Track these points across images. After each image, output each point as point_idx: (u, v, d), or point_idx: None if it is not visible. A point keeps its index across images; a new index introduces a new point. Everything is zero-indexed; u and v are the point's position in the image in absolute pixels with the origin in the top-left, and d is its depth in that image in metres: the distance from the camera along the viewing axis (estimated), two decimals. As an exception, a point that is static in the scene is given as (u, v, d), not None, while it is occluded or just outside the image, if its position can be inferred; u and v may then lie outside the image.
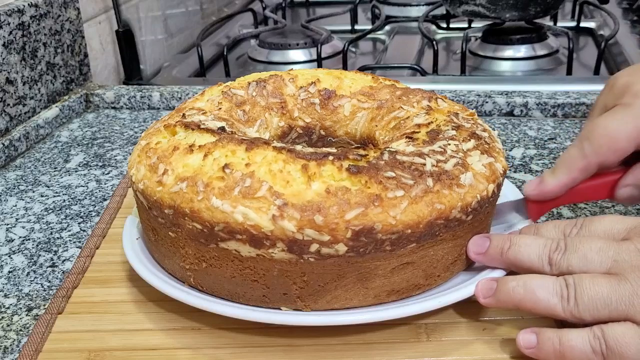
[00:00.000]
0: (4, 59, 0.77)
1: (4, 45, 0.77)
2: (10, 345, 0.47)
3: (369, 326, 0.46)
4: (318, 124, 0.56)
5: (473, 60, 1.06)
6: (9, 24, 0.78)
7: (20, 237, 0.61)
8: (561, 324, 0.45)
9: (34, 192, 0.69)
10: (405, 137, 0.48)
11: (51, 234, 0.61)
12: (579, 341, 0.40)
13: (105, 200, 0.67)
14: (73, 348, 0.46)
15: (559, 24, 1.18)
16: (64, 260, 0.57)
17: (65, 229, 0.62)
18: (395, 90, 0.56)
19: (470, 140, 0.47)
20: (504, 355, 0.44)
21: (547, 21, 1.16)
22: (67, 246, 0.59)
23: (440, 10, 1.23)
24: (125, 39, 1.01)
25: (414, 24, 1.19)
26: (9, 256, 0.58)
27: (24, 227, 0.63)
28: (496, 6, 1.02)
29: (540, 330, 0.42)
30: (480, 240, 0.47)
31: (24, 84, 0.81)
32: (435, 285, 0.47)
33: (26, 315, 0.50)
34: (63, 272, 0.55)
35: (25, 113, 0.81)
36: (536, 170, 0.69)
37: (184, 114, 0.52)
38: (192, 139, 0.47)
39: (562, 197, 0.49)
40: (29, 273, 0.55)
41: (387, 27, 1.25)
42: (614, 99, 0.48)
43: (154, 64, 1.10)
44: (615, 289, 0.40)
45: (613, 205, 0.61)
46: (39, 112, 0.84)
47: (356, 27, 1.26)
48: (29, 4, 0.81)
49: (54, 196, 0.68)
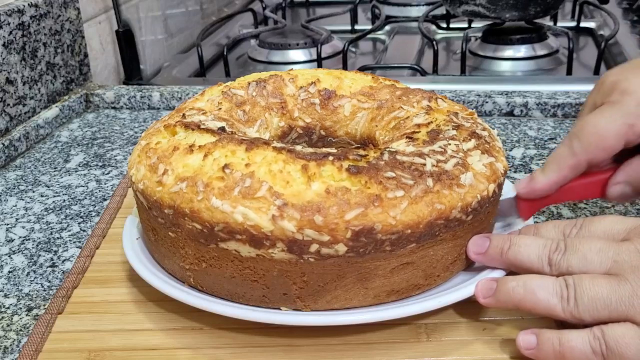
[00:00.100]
0: (4, 59, 0.77)
1: (4, 45, 0.77)
2: (10, 345, 0.47)
3: (369, 326, 0.46)
4: (318, 124, 0.56)
5: (473, 60, 1.06)
6: (9, 24, 0.78)
7: (20, 237, 0.61)
8: (561, 324, 0.45)
9: (34, 192, 0.69)
10: (406, 137, 0.48)
11: (51, 234, 0.61)
12: (579, 342, 0.40)
13: (105, 200, 0.67)
14: (73, 348, 0.46)
15: (559, 24, 1.18)
16: (64, 260, 0.57)
17: (65, 229, 0.62)
18: (395, 90, 0.56)
19: (470, 140, 0.47)
20: (504, 355, 0.44)
21: (547, 21, 1.16)
22: (67, 246, 0.59)
23: (440, 10, 1.23)
24: (125, 39, 1.01)
25: (414, 24, 1.19)
26: (9, 256, 0.58)
27: (24, 227, 0.63)
28: (496, 6, 1.02)
29: (540, 331, 0.42)
30: (480, 240, 0.47)
31: (24, 84, 0.81)
32: (435, 285, 0.47)
33: (26, 315, 0.50)
34: (63, 272, 0.55)
35: (25, 113, 0.81)
36: (536, 171, 0.69)
37: (184, 114, 0.52)
38: (192, 139, 0.47)
39: (553, 196, 0.49)
40: (29, 273, 0.55)
41: (387, 27, 1.25)
42: (602, 97, 0.49)
43: (154, 64, 1.10)
44: (615, 290, 0.40)
45: (613, 206, 0.61)
46: (39, 112, 0.84)
47: (356, 27, 1.26)
48: (29, 4, 0.81)
49: (54, 196, 0.68)
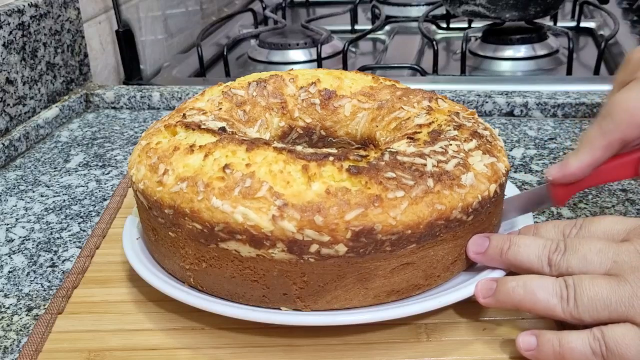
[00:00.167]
0: (4, 59, 0.77)
1: (4, 45, 0.77)
2: (10, 345, 0.47)
3: (369, 326, 0.46)
4: (318, 124, 0.56)
5: (473, 60, 1.06)
6: (9, 24, 0.78)
7: (20, 237, 0.61)
8: (561, 324, 0.45)
9: (34, 192, 0.69)
10: (407, 138, 0.48)
11: (51, 234, 0.61)
12: (579, 343, 0.40)
13: (105, 200, 0.67)
14: (73, 348, 0.46)
15: (559, 24, 1.18)
16: (64, 260, 0.57)
17: (65, 229, 0.62)
18: (395, 91, 0.56)
19: (472, 140, 0.47)
20: (504, 356, 0.44)
21: (547, 21, 1.16)
22: (67, 246, 0.59)
23: (440, 10, 1.23)
24: (125, 39, 1.01)
25: (414, 24, 1.19)
26: (9, 256, 0.58)
27: (24, 227, 0.63)
28: (496, 6, 1.02)
29: (540, 332, 0.42)
30: (480, 240, 0.46)
31: (24, 84, 0.81)
32: (435, 286, 0.47)
33: (26, 315, 0.50)
34: (63, 272, 0.55)
35: (25, 113, 0.81)
36: (536, 170, 0.69)
37: (184, 114, 0.52)
38: (193, 139, 0.47)
39: (587, 179, 0.48)
40: (29, 273, 0.55)
41: (387, 27, 1.25)
42: (630, 74, 0.48)
43: (154, 64, 1.10)
44: (615, 290, 0.40)
45: (613, 206, 0.61)
46: (39, 112, 0.84)
47: (356, 27, 1.26)
48: (29, 4, 0.81)
49: (54, 196, 0.68)
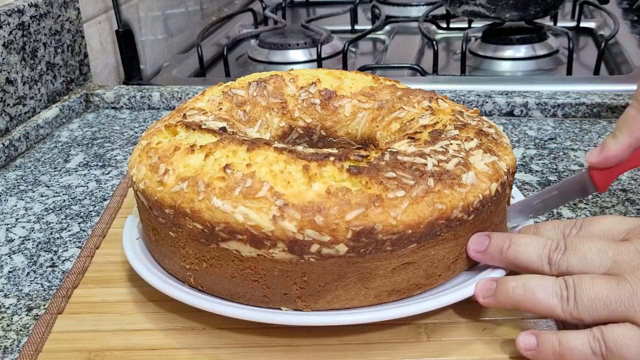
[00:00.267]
0: (4, 59, 0.77)
1: (4, 45, 0.77)
2: (10, 345, 0.47)
3: (369, 326, 0.46)
4: (319, 125, 0.56)
5: (473, 60, 1.06)
6: (9, 24, 0.78)
7: (20, 237, 0.61)
8: (561, 324, 0.45)
9: (34, 192, 0.69)
10: (407, 138, 0.48)
11: (51, 234, 0.61)
12: (579, 343, 0.40)
13: (105, 200, 0.67)
14: (73, 348, 0.46)
15: (559, 24, 1.18)
16: (64, 260, 0.57)
17: (65, 229, 0.62)
18: (395, 91, 0.56)
19: (473, 139, 0.47)
20: (504, 356, 0.44)
21: (547, 21, 1.16)
22: (67, 246, 0.59)
23: (440, 10, 1.23)
24: (125, 39, 1.01)
25: (414, 24, 1.19)
26: (9, 256, 0.58)
27: (24, 227, 0.63)
28: (496, 6, 1.02)
29: (540, 332, 0.42)
30: (480, 238, 0.46)
31: (24, 84, 0.81)
32: (436, 285, 0.47)
33: (26, 315, 0.50)
34: (63, 272, 0.55)
35: (25, 113, 0.81)
36: (536, 170, 0.69)
37: (184, 114, 0.52)
38: (194, 139, 0.47)
39: (628, 161, 0.47)
40: (29, 273, 0.55)
41: (387, 27, 1.25)
42: None
43: (154, 64, 1.10)
44: (615, 290, 0.40)
45: (613, 206, 0.61)
46: (39, 112, 0.84)
47: (356, 27, 1.26)
48: (29, 4, 0.81)
49: (54, 196, 0.68)
